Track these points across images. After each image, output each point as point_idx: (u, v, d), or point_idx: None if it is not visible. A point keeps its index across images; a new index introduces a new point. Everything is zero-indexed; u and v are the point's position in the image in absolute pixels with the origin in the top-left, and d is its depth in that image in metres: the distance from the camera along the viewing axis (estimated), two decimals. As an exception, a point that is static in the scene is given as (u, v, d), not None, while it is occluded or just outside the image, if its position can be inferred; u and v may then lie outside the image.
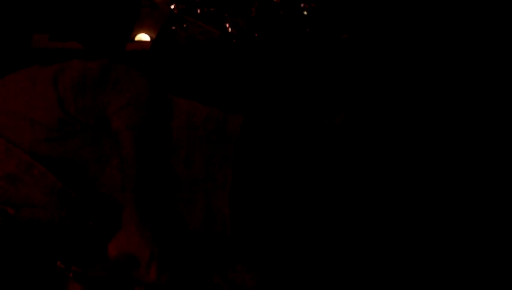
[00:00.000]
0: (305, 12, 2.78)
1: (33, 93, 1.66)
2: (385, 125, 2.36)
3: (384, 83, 2.52)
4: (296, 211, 1.69)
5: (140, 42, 3.43)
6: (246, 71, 2.73)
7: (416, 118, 2.38)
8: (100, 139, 1.69)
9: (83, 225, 1.65)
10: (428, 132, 2.29)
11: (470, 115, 2.32)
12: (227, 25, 2.84)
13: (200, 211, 1.69)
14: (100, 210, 1.66)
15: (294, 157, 1.71)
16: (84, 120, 1.65)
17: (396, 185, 1.80)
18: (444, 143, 2.22)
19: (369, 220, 1.72)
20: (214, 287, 1.71)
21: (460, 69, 2.43)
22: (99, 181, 1.69)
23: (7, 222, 1.71)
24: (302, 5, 2.78)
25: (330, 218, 1.70)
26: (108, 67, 1.66)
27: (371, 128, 2.30)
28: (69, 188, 1.65)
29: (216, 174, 1.70)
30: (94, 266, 1.56)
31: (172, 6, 2.94)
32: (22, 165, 1.66)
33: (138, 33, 3.42)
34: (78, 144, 1.68)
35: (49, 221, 1.72)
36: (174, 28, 2.89)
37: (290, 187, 1.69)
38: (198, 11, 2.90)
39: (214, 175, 1.70)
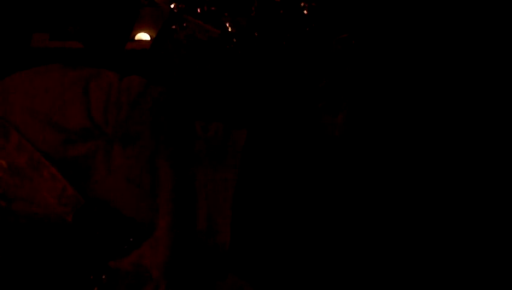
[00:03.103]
0: (305, 12, 2.78)
1: (60, 95, 1.67)
2: (385, 126, 2.36)
3: (385, 83, 2.52)
4: (297, 223, 1.69)
5: (140, 41, 3.44)
6: (246, 70, 2.73)
7: (417, 117, 2.37)
8: (111, 147, 1.70)
9: (89, 233, 1.66)
10: (428, 132, 2.29)
11: (470, 115, 2.32)
12: (228, 24, 2.85)
13: (202, 224, 1.70)
14: (107, 220, 1.67)
15: (296, 168, 1.72)
16: (111, 132, 1.66)
17: (396, 187, 1.80)
18: (444, 142, 2.22)
19: (371, 225, 1.73)
20: None
21: (461, 68, 2.43)
22: (102, 188, 1.70)
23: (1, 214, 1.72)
24: (302, 4, 2.78)
25: (331, 229, 1.70)
26: (147, 87, 1.67)
27: (372, 128, 2.31)
28: (79, 193, 1.67)
29: (219, 189, 1.71)
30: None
31: (172, 6, 2.94)
32: (32, 163, 1.67)
33: (138, 32, 3.42)
34: (90, 150, 1.69)
35: (46, 219, 1.73)
36: (174, 27, 2.89)
37: (292, 198, 1.69)
38: (199, 10, 2.90)
39: (216, 190, 1.71)
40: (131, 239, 1.64)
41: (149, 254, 1.59)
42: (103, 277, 1.63)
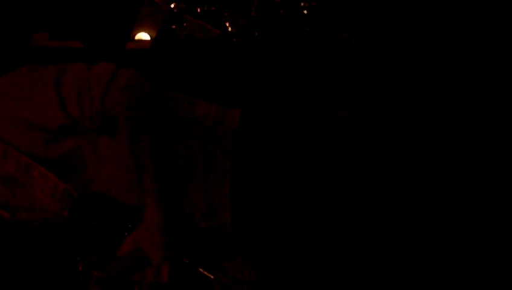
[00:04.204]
0: (305, 11, 2.79)
1: (33, 96, 1.65)
2: (385, 123, 2.36)
3: (384, 81, 2.53)
4: (296, 206, 1.69)
5: (141, 41, 3.44)
6: (246, 70, 2.74)
7: (416, 115, 2.38)
8: (98, 139, 1.69)
9: (86, 225, 1.65)
10: (428, 129, 2.30)
11: (470, 111, 2.32)
12: (227, 24, 2.85)
13: (201, 206, 1.69)
14: (102, 210, 1.66)
15: (293, 151, 1.71)
16: (89, 123, 1.65)
17: (396, 182, 1.80)
18: (444, 140, 2.22)
19: (370, 216, 1.72)
20: (213, 281, 1.71)
21: (460, 67, 2.43)
22: (97, 181, 1.69)
23: (3, 224, 1.72)
24: (302, 4, 2.79)
25: (330, 212, 1.70)
26: (116, 72, 1.65)
27: (371, 126, 2.31)
28: (71, 188, 1.66)
29: (215, 168, 1.70)
30: (109, 267, 1.58)
31: (172, 5, 2.95)
32: (21, 167, 1.66)
33: (138, 32, 3.43)
34: (76, 145, 1.68)
35: (48, 223, 1.73)
36: (174, 27, 2.90)
37: (290, 181, 1.69)
38: (198, 10, 2.91)
39: (213, 170, 1.70)
40: (130, 225, 1.63)
41: (145, 238, 1.58)
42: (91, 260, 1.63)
